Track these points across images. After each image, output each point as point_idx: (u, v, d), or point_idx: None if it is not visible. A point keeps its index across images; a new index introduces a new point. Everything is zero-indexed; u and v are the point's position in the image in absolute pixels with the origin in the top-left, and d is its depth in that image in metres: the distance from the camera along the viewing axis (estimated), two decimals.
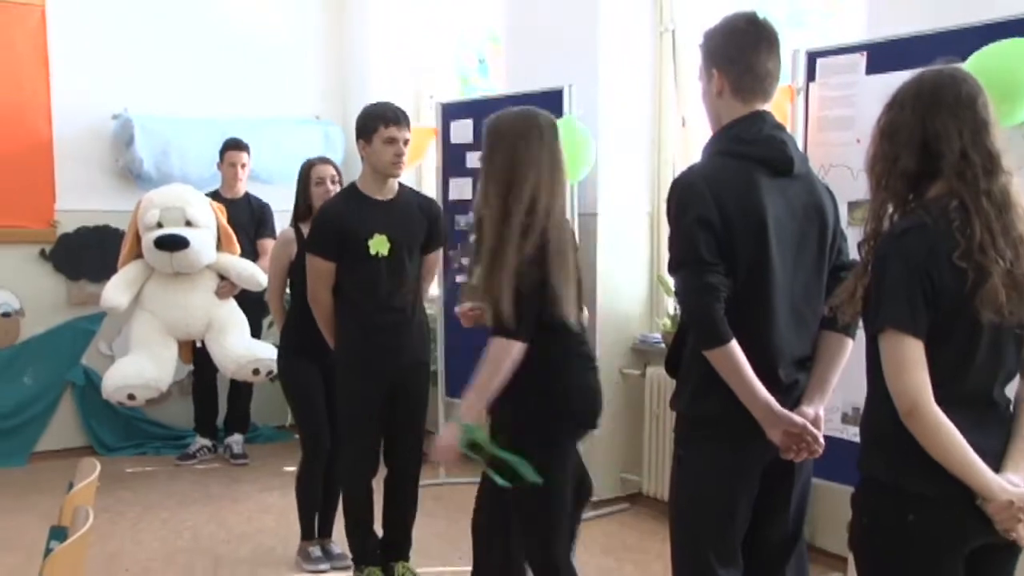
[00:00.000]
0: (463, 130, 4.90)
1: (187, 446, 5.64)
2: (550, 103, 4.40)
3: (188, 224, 5.04)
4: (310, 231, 3.64)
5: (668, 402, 2.46)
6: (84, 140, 5.57)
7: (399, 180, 3.59)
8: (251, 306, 5.31)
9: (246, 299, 5.31)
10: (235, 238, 5.26)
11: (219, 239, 5.20)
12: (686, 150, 4.62)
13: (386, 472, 3.68)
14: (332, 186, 3.91)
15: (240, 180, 5.50)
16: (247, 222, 5.45)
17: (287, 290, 3.99)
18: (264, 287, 4.68)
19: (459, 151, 4.89)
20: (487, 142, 2.68)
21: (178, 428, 5.81)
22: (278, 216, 5.36)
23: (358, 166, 3.63)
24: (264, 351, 5.06)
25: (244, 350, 5.12)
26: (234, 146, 5.45)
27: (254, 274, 5.16)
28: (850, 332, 2.31)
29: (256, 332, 5.38)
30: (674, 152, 4.72)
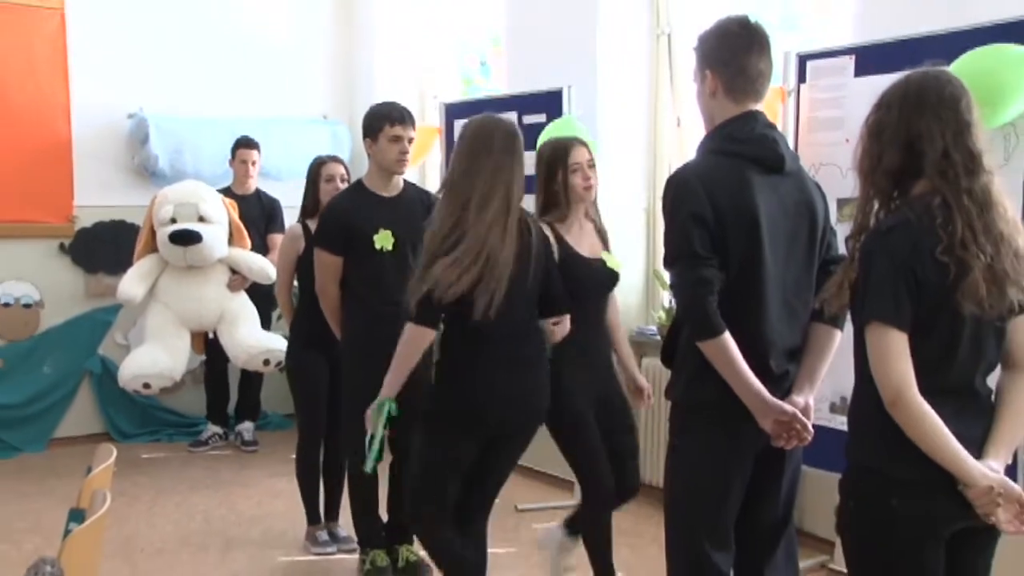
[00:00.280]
0: None
1: (199, 433, 5.71)
2: (550, 103, 4.50)
3: (201, 219, 5.08)
4: (318, 226, 3.66)
5: (664, 392, 2.50)
6: (101, 139, 5.63)
7: (403, 177, 3.62)
8: (261, 299, 5.34)
9: (256, 292, 5.33)
10: (246, 233, 5.30)
11: (231, 234, 5.24)
12: (681, 149, 4.67)
13: (391, 458, 3.72)
14: (341, 184, 3.92)
15: (251, 177, 5.52)
16: (258, 217, 5.48)
17: (294, 284, 4.03)
18: (273, 280, 4.69)
19: None
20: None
21: (191, 416, 5.87)
22: (287, 212, 5.37)
23: (364, 164, 3.65)
24: (274, 342, 5.09)
25: (255, 341, 5.15)
26: (245, 144, 5.48)
27: (264, 268, 5.20)
28: (838, 324, 2.33)
29: (266, 324, 5.41)
30: (669, 151, 4.76)
